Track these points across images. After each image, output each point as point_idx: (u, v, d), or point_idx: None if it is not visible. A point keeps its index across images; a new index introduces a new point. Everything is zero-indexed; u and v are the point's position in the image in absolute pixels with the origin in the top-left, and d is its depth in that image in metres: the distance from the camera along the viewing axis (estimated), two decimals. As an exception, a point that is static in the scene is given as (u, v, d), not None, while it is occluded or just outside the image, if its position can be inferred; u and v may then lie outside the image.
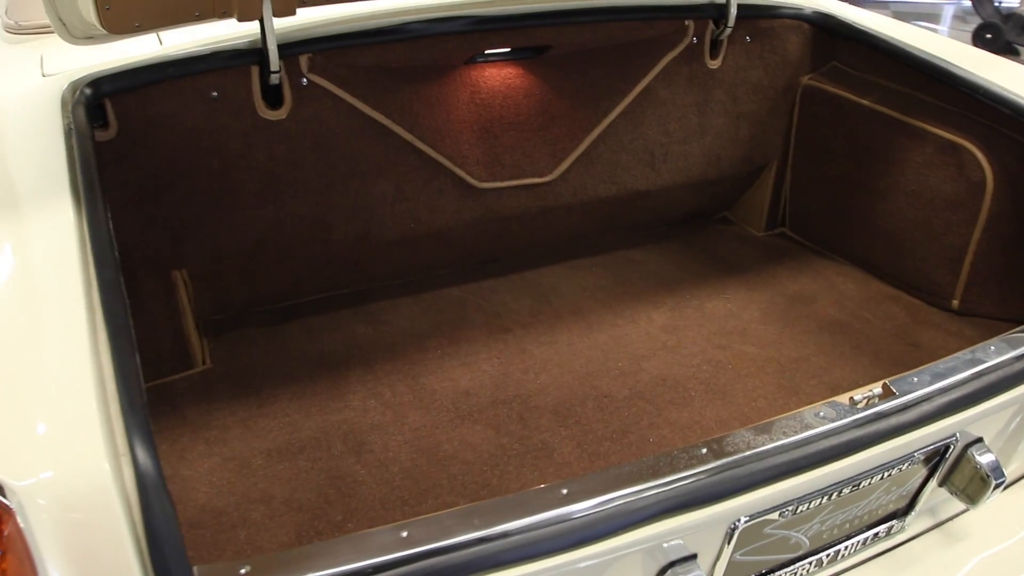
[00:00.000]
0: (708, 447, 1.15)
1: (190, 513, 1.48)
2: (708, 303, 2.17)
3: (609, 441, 1.69)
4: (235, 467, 1.60)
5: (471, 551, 0.98)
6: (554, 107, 2.12)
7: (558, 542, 1.01)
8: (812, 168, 2.41)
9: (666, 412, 1.77)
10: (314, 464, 1.61)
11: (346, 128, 1.87)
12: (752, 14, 2.24)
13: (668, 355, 1.95)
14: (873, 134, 2.20)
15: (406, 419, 1.73)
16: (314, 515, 1.49)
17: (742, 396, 1.82)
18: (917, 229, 2.13)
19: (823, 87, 2.31)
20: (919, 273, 2.15)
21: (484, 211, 2.12)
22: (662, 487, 1.08)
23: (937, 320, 2.09)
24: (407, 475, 1.59)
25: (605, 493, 1.07)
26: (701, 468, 1.11)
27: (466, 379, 1.86)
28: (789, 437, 1.17)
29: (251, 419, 1.72)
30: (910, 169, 2.12)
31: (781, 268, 2.34)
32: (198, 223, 1.80)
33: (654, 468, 1.11)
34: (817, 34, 2.34)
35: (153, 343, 1.82)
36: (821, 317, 2.11)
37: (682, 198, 2.44)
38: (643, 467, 1.11)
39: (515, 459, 1.63)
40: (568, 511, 1.04)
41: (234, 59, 1.71)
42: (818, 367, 1.92)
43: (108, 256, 1.16)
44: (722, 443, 1.16)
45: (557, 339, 2.01)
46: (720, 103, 2.31)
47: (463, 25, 1.89)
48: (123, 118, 1.67)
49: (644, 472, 1.10)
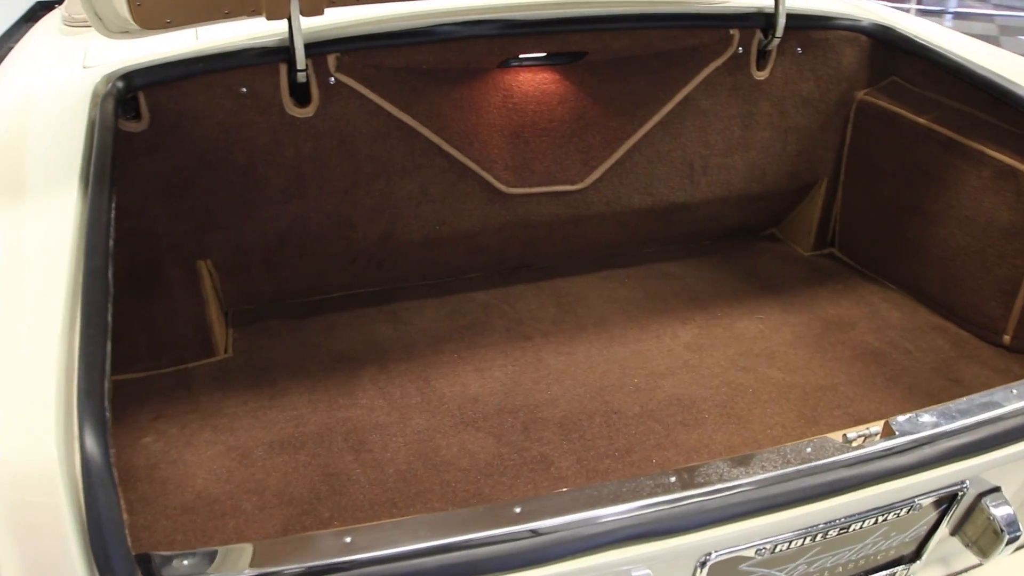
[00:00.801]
0: (678, 476, 1.10)
1: (186, 498, 1.52)
2: (739, 323, 2.09)
3: (610, 459, 1.64)
4: (237, 456, 1.63)
5: (409, 563, 0.97)
6: (589, 114, 2.08)
7: (500, 562, 0.99)
8: (864, 187, 2.30)
9: (675, 433, 1.71)
10: (312, 459, 1.62)
11: (372, 128, 1.89)
12: (804, 25, 2.14)
13: (687, 374, 1.89)
14: (928, 154, 2.08)
15: (410, 421, 1.73)
16: (303, 510, 1.51)
17: (758, 422, 1.75)
18: (969, 257, 2.00)
19: (878, 103, 2.20)
20: (969, 304, 2.02)
21: (512, 217, 2.10)
22: (621, 514, 1.04)
23: (984, 355, 1.96)
24: (401, 477, 1.59)
25: (560, 515, 1.04)
26: (667, 497, 1.07)
27: (476, 385, 1.84)
28: (767, 472, 1.11)
29: (260, 410, 1.75)
30: (965, 193, 2.00)
31: (823, 290, 2.24)
32: (224, 215, 1.85)
33: (616, 494, 1.07)
34: (875, 47, 2.23)
35: (176, 330, 1.88)
36: (858, 344, 2.01)
37: (723, 213, 2.37)
38: (605, 492, 1.07)
39: (511, 470, 1.61)
40: (517, 530, 1.02)
41: (263, 56, 1.75)
42: (845, 397, 1.82)
43: (100, 244, 1.20)
44: (694, 473, 1.11)
45: (575, 350, 1.97)
46: (766, 116, 2.22)
47: (494, 29, 1.88)
48: (155, 111, 1.72)
49: (605, 497, 1.06)
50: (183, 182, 1.79)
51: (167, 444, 1.65)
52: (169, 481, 1.55)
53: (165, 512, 1.48)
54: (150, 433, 1.68)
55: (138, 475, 1.56)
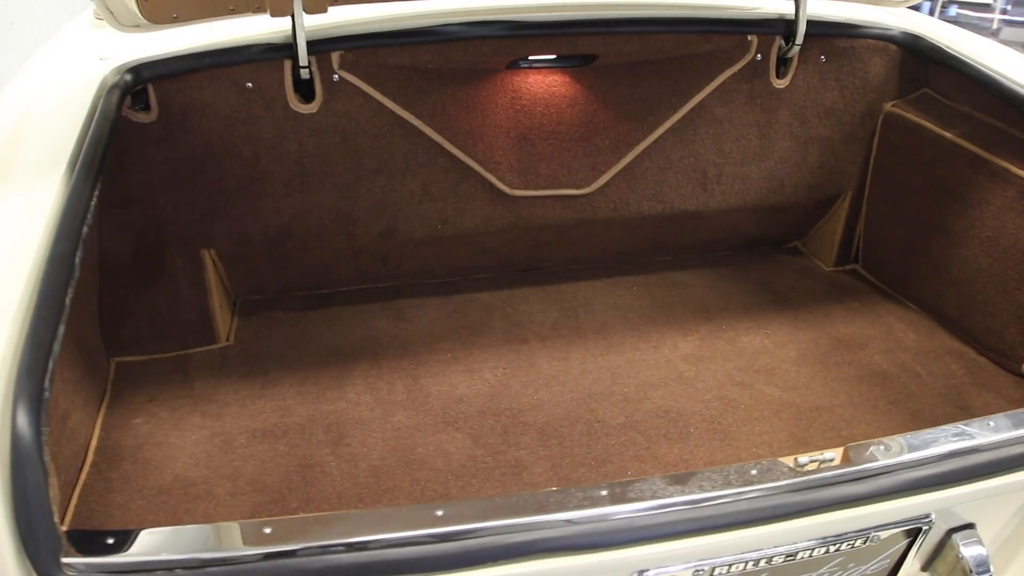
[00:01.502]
0: (610, 490, 1.08)
1: (163, 480, 1.56)
2: (744, 336, 2.04)
3: (585, 468, 1.62)
4: (219, 443, 1.67)
5: (322, 559, 0.97)
6: (598, 118, 2.06)
7: (415, 564, 0.99)
8: (888, 203, 2.21)
9: (656, 446, 1.68)
10: (291, 449, 1.65)
11: (375, 125, 1.90)
12: (829, 32, 2.07)
13: (680, 386, 1.85)
14: (953, 171, 1.98)
15: (392, 417, 1.74)
16: (273, 499, 1.53)
17: (745, 440, 1.70)
18: (990, 280, 1.90)
19: (905, 116, 2.11)
20: (989, 330, 1.92)
21: (516, 219, 2.09)
22: (541, 526, 1.03)
23: (1000, 384, 1.86)
24: (373, 473, 1.60)
25: (481, 521, 1.03)
26: (593, 511, 1.05)
27: (464, 386, 1.84)
28: (705, 492, 1.08)
29: (250, 399, 1.79)
30: (988, 213, 1.90)
31: (838, 308, 2.16)
32: (227, 206, 1.90)
33: (542, 504, 1.06)
34: (906, 57, 2.14)
35: (180, 316, 1.94)
36: (865, 365, 1.93)
37: (740, 223, 2.31)
38: (531, 501, 1.06)
39: (483, 472, 1.60)
40: (436, 532, 1.01)
41: (267, 52, 1.78)
42: (841, 419, 1.76)
43: (72, 230, 1.24)
44: (627, 488, 1.08)
45: (570, 356, 1.95)
46: (786, 125, 2.16)
47: (500, 30, 1.88)
48: (164, 103, 1.78)
49: (530, 506, 1.05)
50: (189, 173, 1.84)
51: (156, 426, 1.70)
52: (151, 462, 1.60)
53: (142, 492, 1.53)
54: (142, 415, 1.73)
55: (123, 455, 1.61)
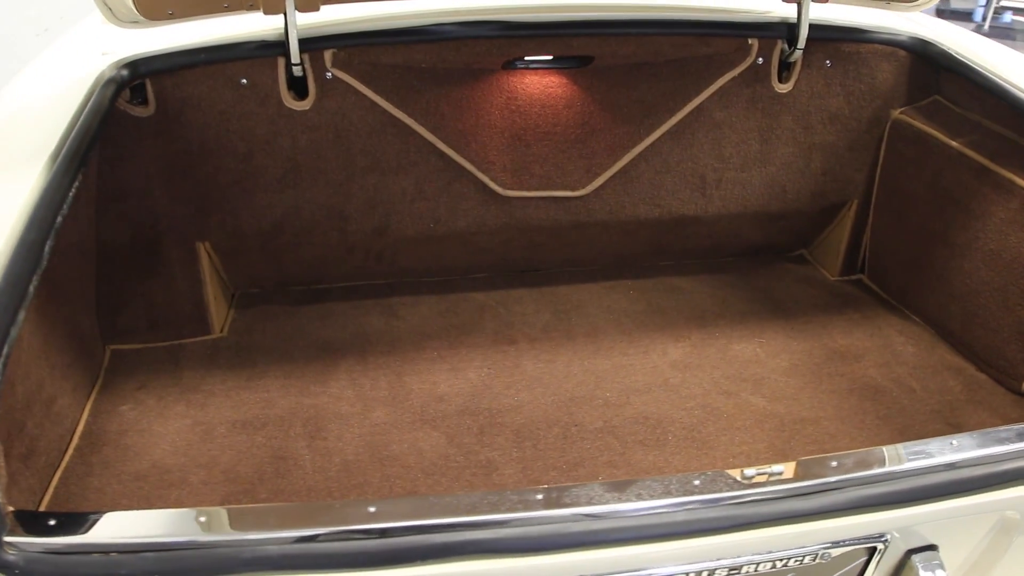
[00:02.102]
0: (546, 494, 1.07)
1: (141, 466, 1.59)
2: (736, 344, 2.00)
3: (556, 471, 1.61)
4: (200, 432, 1.70)
5: (252, 550, 0.98)
6: (595, 120, 2.05)
7: (345, 559, 0.99)
8: (894, 212, 2.15)
9: (631, 452, 1.66)
10: (268, 441, 1.67)
11: (367, 123, 1.92)
12: (834, 36, 2.03)
13: (663, 393, 1.83)
14: (958, 181, 1.93)
15: (371, 413, 1.76)
16: (244, 488, 1.56)
17: (723, 449, 1.67)
18: (992, 295, 1.84)
19: (912, 123, 2.05)
20: (990, 346, 1.86)
21: (509, 219, 2.09)
22: (474, 526, 1.03)
23: (997, 403, 1.80)
24: (345, 467, 1.61)
25: (411, 519, 1.03)
26: (527, 514, 1.04)
27: (446, 384, 1.85)
28: (643, 501, 1.07)
29: (235, 390, 1.82)
30: (991, 225, 1.84)
31: (837, 318, 2.11)
32: (221, 200, 1.93)
33: (475, 505, 1.05)
34: (915, 63, 2.08)
35: (174, 307, 1.98)
36: (859, 378, 1.88)
37: (741, 229, 2.27)
38: (463, 502, 1.06)
39: (453, 471, 1.60)
40: (368, 528, 1.02)
41: (261, 49, 1.81)
42: (825, 433, 1.72)
43: (45, 219, 1.28)
44: (563, 493, 1.08)
45: (557, 358, 1.95)
46: (788, 131, 2.12)
47: (493, 30, 1.88)
48: (161, 97, 1.82)
49: (462, 507, 1.05)
50: (185, 166, 1.88)
51: (141, 413, 1.74)
52: (131, 448, 1.64)
53: (119, 477, 1.57)
54: (130, 402, 1.77)
55: (106, 440, 1.65)
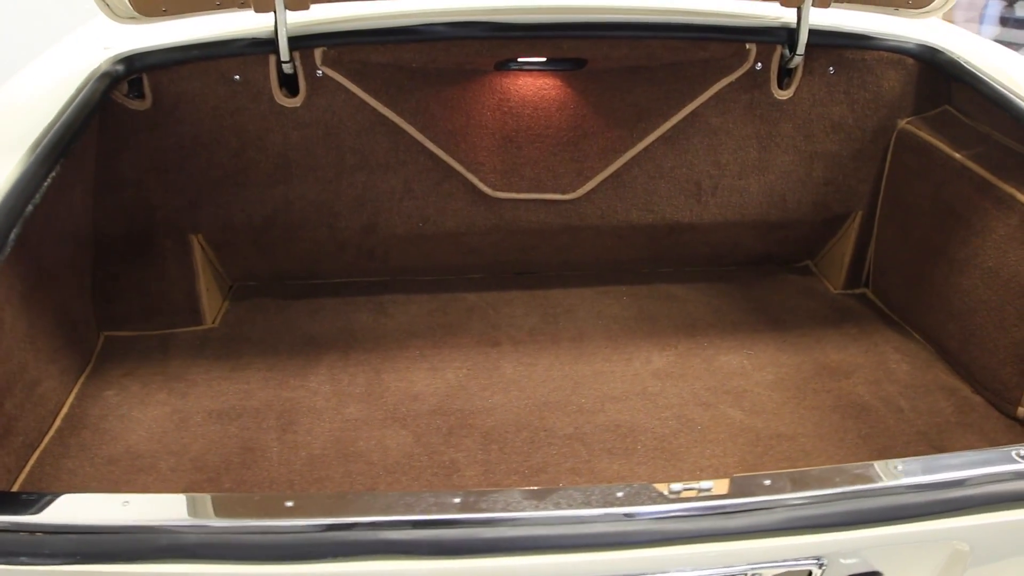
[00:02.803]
0: (463, 498, 1.07)
1: (115, 450, 1.64)
2: (723, 355, 1.96)
3: (518, 475, 1.60)
4: (177, 420, 1.73)
5: (167, 536, 1.00)
6: (588, 123, 2.03)
7: (249, 552, 1.01)
8: (898, 225, 2.08)
9: (596, 460, 1.64)
10: (240, 432, 1.70)
11: (357, 121, 1.94)
12: (837, 43, 1.97)
13: (640, 402, 1.80)
14: (959, 194, 1.85)
15: (345, 409, 1.77)
16: (208, 477, 1.59)
17: (691, 462, 1.64)
18: (988, 314, 1.77)
19: (918, 134, 1.98)
20: (986, 367, 1.79)
21: (499, 220, 2.09)
22: (383, 526, 1.03)
23: (989, 427, 1.73)
24: (310, 461, 1.63)
25: (330, 517, 1.04)
26: (439, 517, 1.04)
27: (423, 383, 1.85)
28: (561, 510, 1.06)
29: (216, 380, 1.85)
30: (991, 241, 1.77)
31: (833, 332, 2.05)
32: (214, 193, 1.97)
33: (389, 505, 1.06)
34: (924, 72, 2.01)
35: (167, 297, 2.02)
36: (845, 395, 1.83)
37: (740, 238, 2.22)
38: (379, 501, 1.06)
39: (415, 471, 1.61)
40: (280, 524, 1.03)
41: (253, 47, 1.84)
42: (800, 450, 1.67)
43: (14, 208, 1.33)
44: (481, 497, 1.07)
45: (538, 362, 1.93)
46: (788, 138, 2.07)
47: (483, 31, 1.88)
48: (157, 92, 1.87)
49: (377, 506, 1.05)
50: (179, 160, 1.93)
51: (124, 399, 1.79)
52: (109, 432, 1.68)
53: (92, 460, 1.61)
54: (115, 387, 1.82)
55: (86, 423, 1.70)
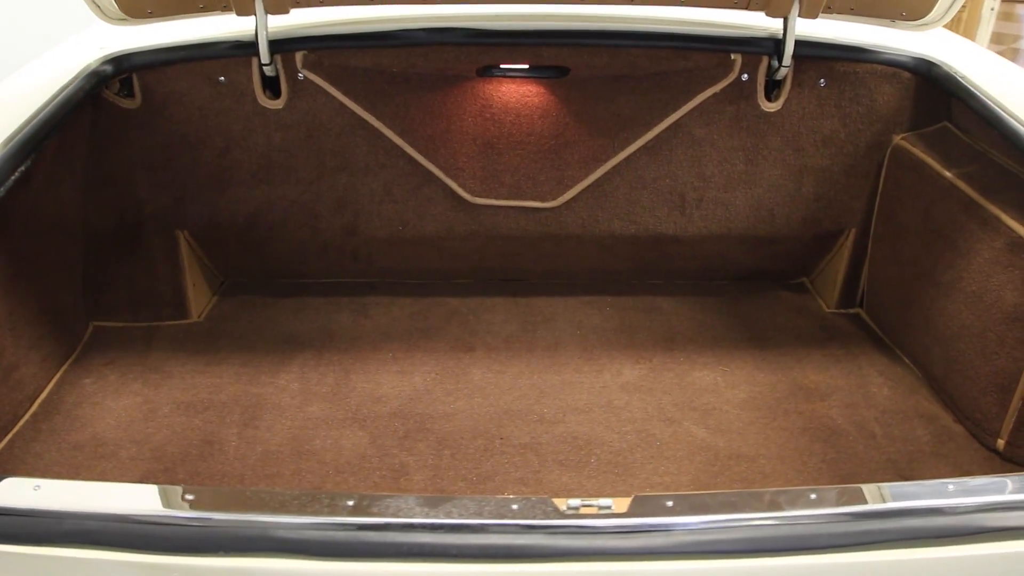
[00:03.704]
0: (357, 501, 1.07)
1: (82, 437, 1.69)
2: (697, 371, 1.92)
3: (464, 482, 1.60)
4: (146, 410, 1.78)
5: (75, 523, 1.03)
6: (569, 131, 2.01)
7: (139, 540, 1.03)
8: (890, 245, 2.01)
9: (547, 471, 1.62)
10: (204, 425, 1.74)
11: (337, 124, 1.96)
12: (828, 55, 1.92)
13: (603, 414, 1.78)
14: (947, 214, 1.78)
15: (308, 407, 1.79)
16: (164, 467, 1.62)
17: (643, 478, 1.61)
18: (971, 340, 1.69)
19: (911, 150, 1.91)
20: (967, 396, 1.71)
21: (478, 226, 2.08)
22: (272, 524, 1.04)
23: (964, 458, 1.65)
24: (264, 457, 1.65)
25: (224, 512, 1.05)
26: (328, 519, 1.04)
27: (389, 386, 1.86)
28: (452, 518, 1.05)
29: (190, 374, 1.90)
30: (975, 264, 1.69)
31: (817, 353, 1.99)
32: (199, 191, 2.02)
33: (283, 503, 1.06)
34: (921, 86, 1.94)
35: (154, 290, 2.08)
36: (818, 418, 1.77)
37: (728, 252, 2.18)
38: (275, 498, 1.07)
39: (363, 472, 1.62)
40: (174, 516, 1.05)
41: (236, 49, 1.88)
42: (759, 472, 1.62)
43: None
44: (371, 501, 1.07)
45: (508, 370, 1.92)
46: (777, 152, 2.02)
47: (461, 37, 1.88)
48: (146, 91, 1.92)
49: (270, 503, 1.06)
50: (166, 158, 1.98)
51: (100, 387, 1.84)
52: (80, 419, 1.74)
53: (59, 445, 1.67)
54: (94, 375, 1.88)
55: (60, 409, 1.76)
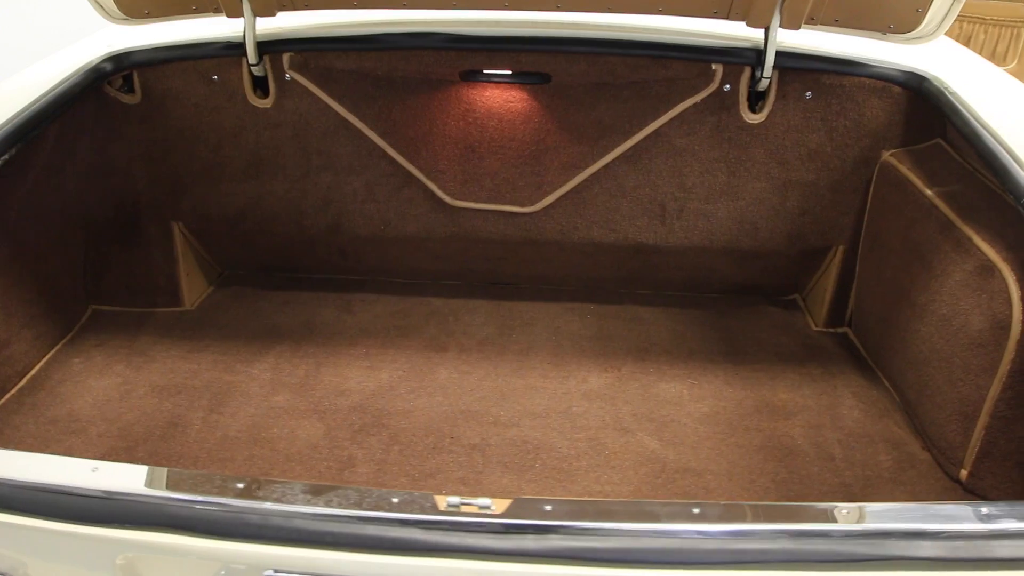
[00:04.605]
0: (247, 484, 1.10)
1: (58, 412, 1.78)
2: (664, 383, 1.90)
3: (407, 477, 1.62)
4: (123, 390, 1.86)
5: None
6: (550, 138, 2.02)
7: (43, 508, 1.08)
8: (874, 264, 1.95)
9: (489, 472, 1.63)
10: (173, 408, 1.81)
11: (322, 124, 2.02)
12: (813, 67, 1.87)
13: (558, 420, 1.78)
14: (925, 234, 1.72)
15: (274, 396, 1.85)
16: (127, 446, 1.70)
17: (584, 485, 1.60)
18: (940, 364, 1.63)
19: (897, 167, 1.85)
20: (934, 422, 1.65)
21: (458, 229, 2.11)
22: (164, 500, 1.08)
23: (924, 488, 1.59)
24: (222, 442, 1.71)
25: (123, 486, 1.10)
26: (211, 499, 1.08)
27: (355, 380, 1.90)
28: (331, 508, 1.07)
29: (172, 359, 1.98)
30: (947, 287, 1.63)
31: (793, 371, 1.94)
32: (192, 185, 2.10)
33: (179, 481, 1.11)
34: (912, 101, 1.88)
35: (150, 278, 2.18)
36: (778, 436, 1.73)
37: (714, 264, 2.14)
38: (173, 476, 1.11)
39: (310, 461, 1.66)
40: (79, 487, 1.10)
41: (227, 49, 1.96)
42: (703, 487, 1.60)
43: None
44: (260, 485, 1.10)
45: (474, 371, 1.94)
46: (760, 164, 1.98)
47: (440, 42, 1.91)
48: (146, 88, 2.02)
49: (172, 481, 1.11)
50: (163, 151, 2.07)
51: (86, 367, 1.94)
52: (60, 396, 1.83)
53: (37, 419, 1.76)
54: (82, 356, 1.98)
55: (44, 386, 1.86)
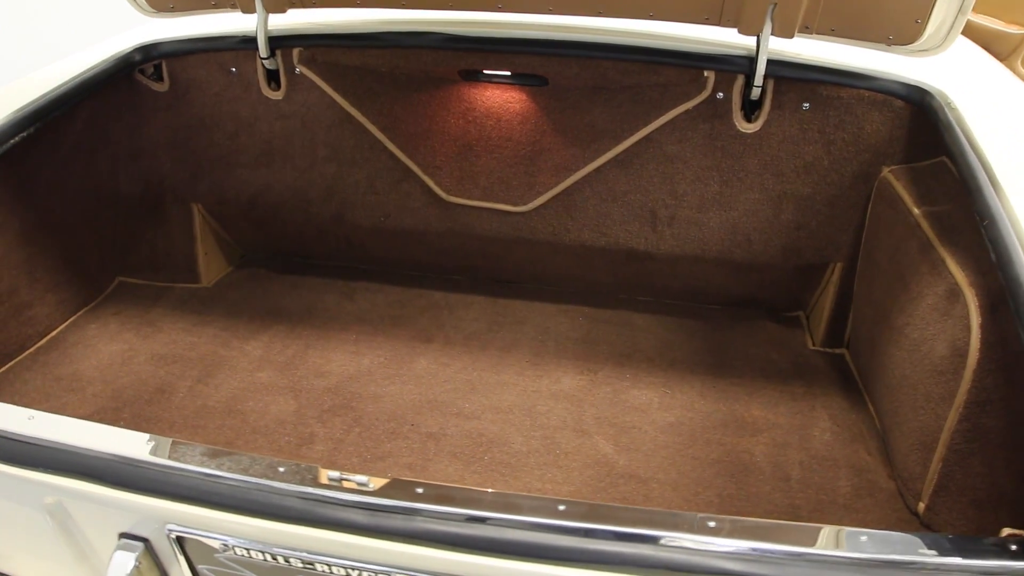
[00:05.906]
0: (158, 443, 1.18)
1: (63, 372, 1.93)
2: (636, 389, 1.89)
3: (358, 459, 1.68)
4: (126, 356, 2.00)
5: None
6: (545, 139, 2.04)
7: None
8: (866, 283, 1.87)
9: (436, 461, 1.67)
10: (166, 375, 1.93)
11: (328, 117, 2.11)
12: (810, 77, 1.82)
13: (520, 417, 1.79)
14: (908, 255, 1.65)
15: (258, 372, 1.94)
16: (115, 406, 1.82)
17: (524, 481, 1.62)
18: (908, 391, 1.56)
19: (893, 183, 1.78)
20: (898, 451, 1.58)
21: (454, 224, 2.15)
22: (85, 451, 1.17)
23: (875, 517, 1.52)
24: (199, 411, 1.81)
25: (64, 440, 1.20)
26: (122, 455, 1.17)
27: (337, 363, 1.97)
28: (234, 473, 1.14)
29: (177, 331, 2.11)
30: (920, 311, 1.56)
31: (773, 388, 1.89)
32: (211, 170, 2.23)
33: (122, 441, 1.20)
34: (915, 116, 1.80)
35: (171, 255, 2.32)
36: (737, 452, 1.69)
37: (708, 275, 2.10)
38: (113, 435, 1.21)
39: (273, 435, 1.73)
40: (21, 434, 1.21)
41: (243, 43, 2.07)
42: (643, 495, 1.58)
43: None
44: (173, 447, 1.18)
45: (452, 364, 1.98)
46: (754, 175, 1.94)
47: (438, 42, 1.96)
48: (173, 77, 2.16)
49: (109, 439, 1.20)
50: (186, 137, 2.21)
51: (99, 332, 2.09)
52: (70, 356, 1.98)
53: (45, 376, 1.92)
54: (99, 322, 2.13)
55: (59, 346, 2.02)
